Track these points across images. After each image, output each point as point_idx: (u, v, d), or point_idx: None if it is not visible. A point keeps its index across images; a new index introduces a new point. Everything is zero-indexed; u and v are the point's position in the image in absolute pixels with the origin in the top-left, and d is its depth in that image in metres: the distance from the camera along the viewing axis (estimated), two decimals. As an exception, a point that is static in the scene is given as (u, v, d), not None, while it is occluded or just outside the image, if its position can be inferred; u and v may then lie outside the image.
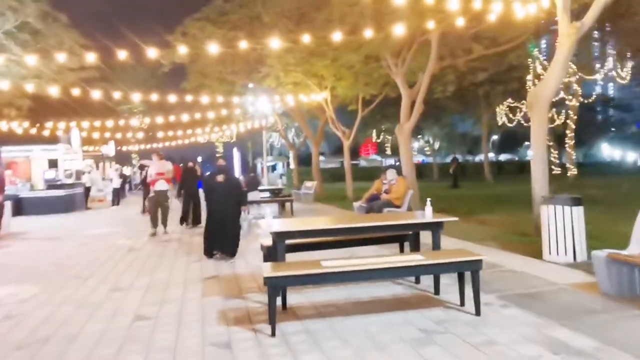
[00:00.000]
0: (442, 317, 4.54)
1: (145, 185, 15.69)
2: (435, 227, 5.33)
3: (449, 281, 5.46)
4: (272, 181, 28.96)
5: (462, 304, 4.75)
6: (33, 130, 22.47)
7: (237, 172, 28.28)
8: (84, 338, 4.41)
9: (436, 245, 5.33)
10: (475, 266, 4.43)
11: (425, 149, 53.58)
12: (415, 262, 4.34)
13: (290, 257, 5.28)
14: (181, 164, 14.48)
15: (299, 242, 5.67)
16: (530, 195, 8.67)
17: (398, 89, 14.84)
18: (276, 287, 4.32)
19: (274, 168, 40.81)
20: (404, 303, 5.05)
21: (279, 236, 4.97)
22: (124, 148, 34.92)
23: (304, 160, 39.46)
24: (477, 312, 4.47)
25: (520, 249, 7.61)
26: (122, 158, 34.52)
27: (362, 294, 5.35)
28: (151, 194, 11.03)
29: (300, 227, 5.29)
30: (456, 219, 5.62)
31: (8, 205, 13.04)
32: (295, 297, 5.24)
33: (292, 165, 33.92)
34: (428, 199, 5.78)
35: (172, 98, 19.00)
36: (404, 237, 6.06)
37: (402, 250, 6.22)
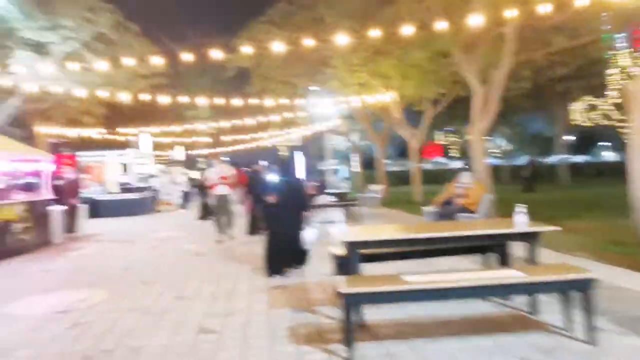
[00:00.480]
0: (546, 344, 3.90)
1: (201, 190, 15.65)
2: (531, 238, 4.67)
3: (546, 298, 4.78)
4: (335, 185, 28.61)
5: (569, 328, 4.08)
6: (108, 136, 23.42)
7: (301, 176, 28.15)
8: (149, 351, 4.16)
9: (532, 259, 4.67)
10: (586, 285, 3.77)
11: (495, 150, 51.37)
12: (516, 280, 3.74)
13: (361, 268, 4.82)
14: (245, 168, 14.33)
15: (370, 252, 5.18)
16: (621, 199, 7.72)
17: (468, 87, 14.02)
18: (353, 304, 3.87)
19: (336, 171, 40.49)
20: (496, 324, 4.45)
21: (353, 246, 4.51)
22: (192, 152, 35.83)
23: (366, 163, 38.86)
24: (592, 341, 3.79)
25: (620, 261, 6.73)
26: (190, 162, 35.43)
27: (443, 311, 4.78)
28: (214, 200, 10.70)
29: (377, 237, 4.82)
30: (558, 228, 4.90)
31: (84, 208, 13.43)
32: (369, 312, 4.76)
33: (355, 169, 33.43)
34: (518, 205, 5.12)
35: (236, 102, 19.10)
36: (487, 248, 5.43)
37: (487, 263, 5.59)
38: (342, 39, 11.37)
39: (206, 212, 15.43)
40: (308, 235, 6.93)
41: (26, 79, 15.99)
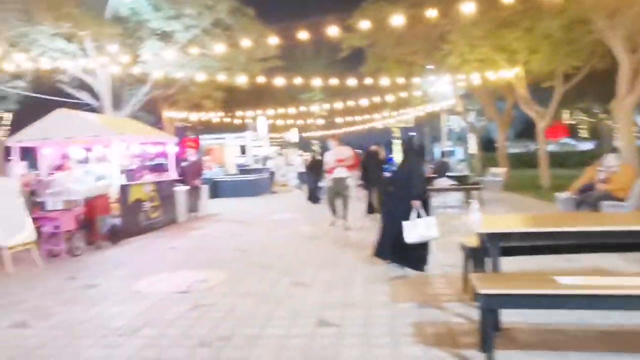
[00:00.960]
0: None
1: (311, 172, 15.56)
2: None
3: None
4: (451, 167, 27.28)
5: None
6: (226, 120, 24.43)
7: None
8: (265, 343, 3.96)
9: None
10: None
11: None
12: None
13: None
14: (360, 149, 13.97)
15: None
16: None
17: (607, 59, 12.32)
18: (493, 306, 3.32)
19: (452, 154, 38.78)
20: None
21: (493, 238, 3.91)
22: (306, 134, 36.40)
23: (484, 144, 36.65)
24: None
25: None
26: (304, 145, 36.04)
27: (595, 317, 4.01)
28: (329, 183, 10.10)
29: (521, 228, 4.17)
30: None
31: (205, 189, 14.02)
32: (507, 314, 4.15)
33: (472, 151, 31.66)
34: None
35: (350, 83, 18.78)
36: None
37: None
38: (465, 8, 10.42)
39: (315, 195, 15.40)
40: (411, 229, 5.78)
41: (154, 67, 17.03)
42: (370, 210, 10.73)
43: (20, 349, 4.09)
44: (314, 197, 15.54)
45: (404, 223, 5.76)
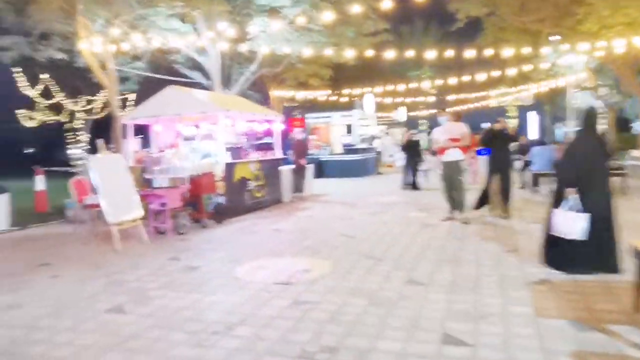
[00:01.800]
0: None
1: (406, 154, 14.31)
2: None
3: None
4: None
5: None
6: (332, 98, 23.94)
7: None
8: None
9: None
10: None
11: None
12: None
13: None
14: (481, 127, 12.50)
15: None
16: None
17: None
18: None
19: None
20: None
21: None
22: (414, 113, 34.96)
23: (619, 124, 32.65)
24: None
25: None
26: (412, 124, 34.63)
27: None
28: (440, 167, 8.52)
29: None
30: None
31: (311, 168, 13.61)
32: None
33: (603, 131, 28.25)
34: None
35: (463, 57, 17.23)
36: None
37: None
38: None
39: (410, 181, 14.02)
40: (564, 220, 4.73)
41: (262, 44, 16.86)
42: (484, 200, 8.80)
43: (113, 337, 3.78)
44: (408, 183, 14.10)
45: (554, 210, 4.76)
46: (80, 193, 8.56)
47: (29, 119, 32.04)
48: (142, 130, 11.90)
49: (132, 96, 23.45)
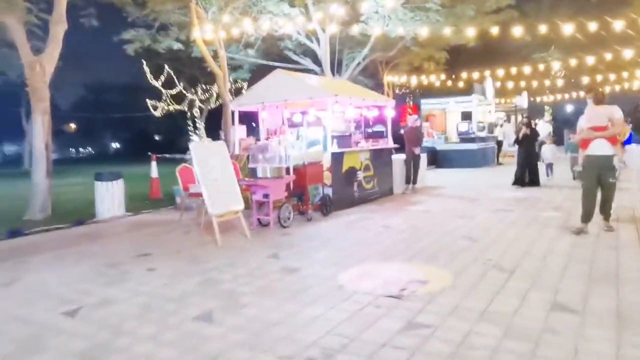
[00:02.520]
0: None
1: (521, 146, 11.93)
2: None
3: None
4: None
5: None
6: (449, 83, 22.41)
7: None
8: None
9: None
10: None
11: None
12: None
13: None
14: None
15: None
16: None
17: None
18: None
19: None
20: None
21: None
22: (538, 99, 31.86)
23: None
24: None
25: None
26: (535, 110, 31.60)
27: None
28: (581, 164, 6.76)
29: None
30: None
31: (424, 158, 12.58)
32: None
33: None
34: None
35: (604, 32, 14.91)
36: None
37: None
38: None
39: (524, 178, 11.83)
40: None
41: (374, 26, 15.98)
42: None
43: (193, 354, 3.27)
44: (521, 180, 11.91)
45: None
46: (185, 181, 8.44)
47: (154, 109, 34.36)
48: (250, 118, 11.70)
49: (246, 86, 23.88)
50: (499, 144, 20.47)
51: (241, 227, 6.93)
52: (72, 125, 65.25)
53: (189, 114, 32.65)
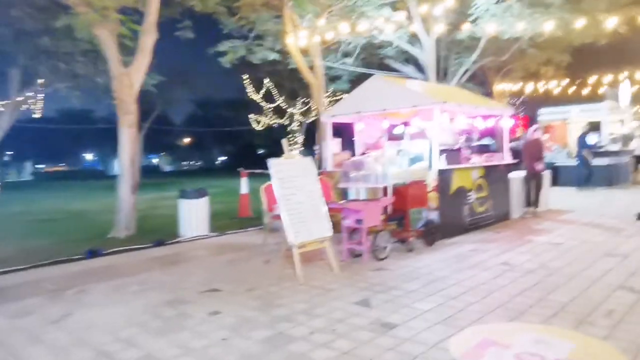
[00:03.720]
0: None
1: None
2: None
3: None
4: None
5: None
6: (571, 90, 19.83)
7: None
8: None
9: None
10: None
11: None
12: None
13: None
14: None
15: None
16: None
17: None
18: None
19: None
20: None
21: None
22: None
23: None
24: None
25: None
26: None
27: None
28: None
29: None
30: None
31: (547, 176, 10.70)
32: None
33: None
34: None
35: None
36: None
37: None
38: None
39: None
40: None
41: (485, 27, 14.27)
42: None
43: None
44: None
45: None
46: (271, 200, 7.49)
47: (256, 123, 34.78)
48: (348, 131, 10.64)
49: (344, 96, 23.03)
50: (638, 159, 17.53)
51: (328, 257, 5.81)
52: (186, 140, 69.35)
53: (289, 127, 32.64)
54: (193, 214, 8.83)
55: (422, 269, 5.81)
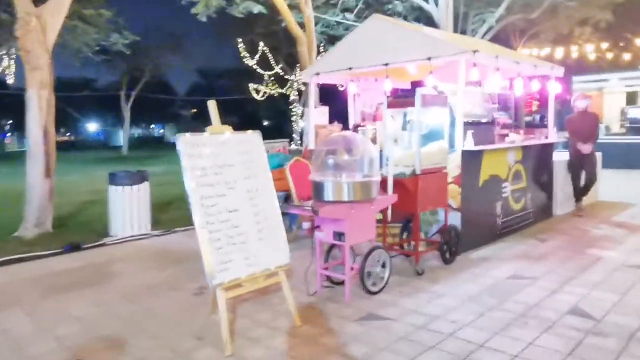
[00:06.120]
0: None
1: None
2: None
3: None
4: None
5: None
6: (610, 53, 17.12)
7: None
8: None
9: None
10: None
11: None
12: None
13: None
14: None
15: None
16: None
17: None
18: None
19: None
20: None
21: None
22: None
23: None
24: None
25: None
26: None
27: None
28: None
29: None
30: None
31: (599, 159, 8.20)
32: None
33: None
34: None
35: None
36: None
37: None
38: None
39: None
40: None
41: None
42: None
43: None
44: None
45: None
46: (299, 187, 5.29)
47: (256, 92, 32.17)
48: (339, 97, 8.21)
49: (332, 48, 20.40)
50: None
51: (286, 299, 3.51)
52: (192, 110, 66.81)
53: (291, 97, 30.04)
54: (127, 206, 6.56)
55: (440, 321, 3.49)
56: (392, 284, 4.22)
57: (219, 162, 3.34)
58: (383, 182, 4.39)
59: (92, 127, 68.28)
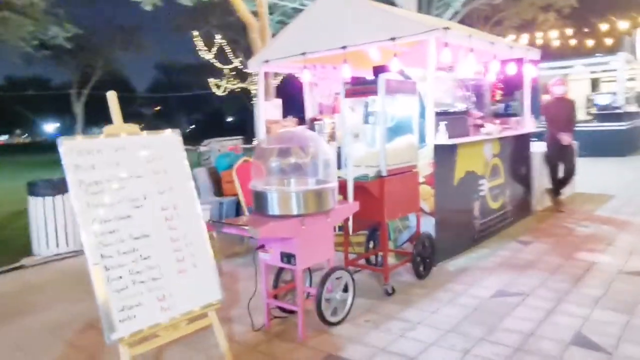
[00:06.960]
0: None
1: None
2: None
3: None
4: None
5: None
6: (574, 40, 16.83)
7: None
8: None
9: None
10: None
11: None
12: None
13: None
14: None
15: None
16: None
17: None
18: None
19: None
20: None
21: None
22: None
23: None
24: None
25: None
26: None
27: None
28: None
29: None
30: None
31: (575, 149, 7.66)
32: None
33: None
34: None
35: None
36: None
37: None
38: None
39: None
40: None
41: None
42: None
43: None
44: None
45: None
46: (247, 193, 4.43)
47: (216, 87, 30.93)
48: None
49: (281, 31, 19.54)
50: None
51: (219, 343, 2.70)
52: (154, 109, 64.40)
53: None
54: (50, 220, 5.60)
55: (409, 345, 2.75)
56: (357, 308, 3.48)
57: (120, 173, 2.50)
58: (342, 187, 3.63)
59: (49, 127, 65.50)
